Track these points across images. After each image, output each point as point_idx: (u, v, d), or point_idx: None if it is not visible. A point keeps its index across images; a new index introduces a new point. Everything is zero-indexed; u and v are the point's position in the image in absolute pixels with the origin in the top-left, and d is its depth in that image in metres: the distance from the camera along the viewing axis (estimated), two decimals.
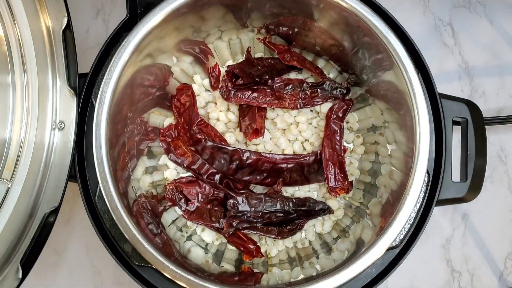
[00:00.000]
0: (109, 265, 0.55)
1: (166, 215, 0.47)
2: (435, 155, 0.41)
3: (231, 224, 0.45)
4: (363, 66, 0.45)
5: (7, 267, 0.37)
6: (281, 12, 0.45)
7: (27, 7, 0.38)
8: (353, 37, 0.43)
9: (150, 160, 0.49)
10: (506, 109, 0.58)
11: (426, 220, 0.40)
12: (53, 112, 0.40)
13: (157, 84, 0.46)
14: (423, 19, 0.59)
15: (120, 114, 0.42)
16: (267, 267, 0.47)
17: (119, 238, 0.39)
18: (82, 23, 0.58)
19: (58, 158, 0.40)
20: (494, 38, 0.59)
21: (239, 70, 0.47)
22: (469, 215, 0.56)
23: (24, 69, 0.39)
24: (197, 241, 0.48)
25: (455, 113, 0.42)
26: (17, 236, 0.37)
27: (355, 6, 0.40)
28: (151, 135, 0.48)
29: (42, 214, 0.39)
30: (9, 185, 0.37)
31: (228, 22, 0.47)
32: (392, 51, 0.39)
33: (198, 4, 0.41)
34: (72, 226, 0.55)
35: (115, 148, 0.41)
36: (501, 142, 0.57)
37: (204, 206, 0.47)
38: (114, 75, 0.39)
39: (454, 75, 0.58)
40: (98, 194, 0.39)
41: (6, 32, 0.38)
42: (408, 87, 0.39)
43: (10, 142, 0.38)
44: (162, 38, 0.43)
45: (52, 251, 0.55)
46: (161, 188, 0.48)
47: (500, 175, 0.57)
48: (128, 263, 0.39)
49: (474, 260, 0.55)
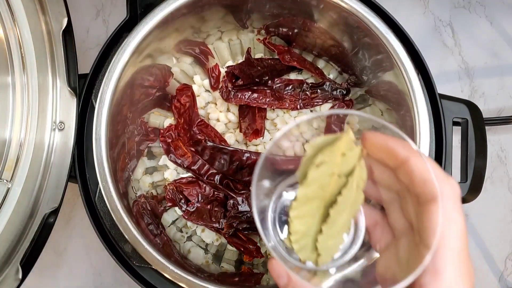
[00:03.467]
0: (109, 266, 0.55)
1: (166, 216, 0.47)
2: (435, 155, 0.41)
3: (231, 225, 0.45)
4: (363, 67, 0.45)
5: (7, 268, 0.37)
6: (281, 13, 0.45)
7: (27, 8, 0.38)
8: (353, 38, 0.43)
9: (150, 160, 0.49)
10: (506, 109, 0.58)
11: None
12: (53, 112, 0.40)
13: (157, 84, 0.46)
14: (423, 19, 0.59)
15: (120, 115, 0.42)
16: (267, 267, 0.47)
17: (119, 239, 0.39)
18: (82, 24, 0.58)
19: (58, 158, 0.40)
20: (494, 38, 0.59)
21: (239, 71, 0.47)
22: (469, 216, 0.56)
23: (24, 70, 0.39)
24: (197, 241, 0.48)
25: (455, 113, 0.42)
26: (17, 237, 0.37)
27: (355, 6, 0.40)
28: (151, 135, 0.48)
29: (42, 214, 0.39)
30: (9, 185, 0.37)
31: (228, 23, 0.47)
32: (392, 52, 0.39)
33: (198, 5, 0.41)
34: (72, 227, 0.55)
35: (115, 148, 0.41)
36: (501, 143, 0.57)
37: (204, 207, 0.47)
38: (114, 76, 0.39)
39: (454, 75, 0.58)
40: (98, 194, 0.39)
41: (6, 33, 0.38)
42: (408, 87, 0.39)
43: (10, 143, 0.38)
44: (162, 39, 0.42)
45: (52, 252, 0.55)
46: (161, 188, 0.48)
47: (500, 175, 0.57)
48: (128, 264, 0.39)
49: (474, 261, 0.55)
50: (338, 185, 0.25)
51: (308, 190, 0.25)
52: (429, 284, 0.23)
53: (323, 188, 0.25)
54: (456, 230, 0.23)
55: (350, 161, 0.25)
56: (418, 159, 0.24)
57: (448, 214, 0.23)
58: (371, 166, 0.26)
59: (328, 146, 0.24)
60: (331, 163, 0.24)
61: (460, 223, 0.24)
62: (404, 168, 0.24)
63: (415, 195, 0.24)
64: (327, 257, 0.26)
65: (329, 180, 0.25)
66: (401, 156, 0.24)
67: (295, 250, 0.26)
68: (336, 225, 0.25)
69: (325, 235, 0.25)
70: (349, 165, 0.25)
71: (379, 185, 0.27)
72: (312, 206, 0.25)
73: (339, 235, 0.26)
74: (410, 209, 0.25)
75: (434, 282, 0.23)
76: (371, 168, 0.26)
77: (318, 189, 0.25)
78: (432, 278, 0.23)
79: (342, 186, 0.25)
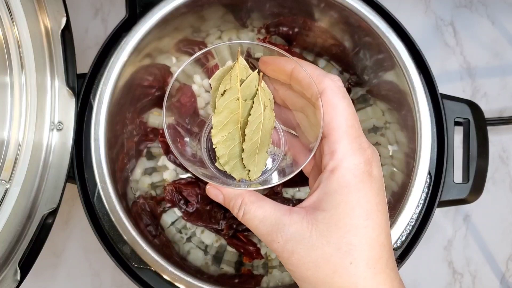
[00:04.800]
0: (107, 267, 0.54)
1: (165, 217, 0.47)
2: (436, 156, 0.40)
3: (231, 226, 0.45)
4: (364, 67, 0.45)
5: (5, 269, 0.36)
6: (282, 12, 0.44)
7: (26, 7, 0.38)
8: (354, 37, 0.43)
9: (149, 161, 0.48)
10: (508, 109, 0.57)
11: (427, 221, 0.39)
12: (51, 112, 0.40)
13: (156, 84, 0.46)
14: (424, 19, 0.59)
15: (119, 115, 0.41)
16: (267, 269, 0.46)
17: (118, 240, 0.39)
18: (80, 23, 0.58)
19: (57, 159, 0.40)
20: (495, 38, 0.58)
21: None
22: (471, 217, 0.56)
23: (23, 70, 0.38)
24: (196, 243, 0.47)
25: (456, 113, 0.41)
26: (16, 238, 0.37)
27: (356, 5, 0.39)
28: (150, 136, 0.47)
29: (40, 215, 0.38)
30: (7, 186, 0.37)
31: (228, 22, 0.46)
32: (394, 51, 0.39)
33: (198, 4, 0.41)
34: (70, 228, 0.55)
35: (114, 149, 0.41)
36: (503, 143, 0.57)
37: (203, 208, 0.47)
38: (113, 75, 0.39)
39: (455, 75, 0.58)
40: (97, 195, 0.39)
41: (4, 33, 0.38)
42: (410, 87, 0.39)
43: (9, 143, 0.38)
44: (161, 38, 0.42)
45: (51, 253, 0.55)
46: (160, 189, 0.48)
47: (502, 176, 0.56)
48: (127, 265, 0.39)
49: (476, 262, 0.55)
50: (246, 108, 0.29)
51: (220, 117, 0.29)
52: (328, 164, 0.27)
53: (233, 112, 0.29)
54: (341, 113, 0.27)
55: (251, 86, 0.29)
56: (299, 69, 0.28)
57: (330, 102, 0.27)
58: (276, 87, 0.31)
59: (227, 76, 0.29)
60: (233, 89, 0.29)
61: (343, 106, 0.27)
62: (293, 80, 0.29)
63: (310, 101, 0.29)
64: (257, 172, 0.31)
65: (236, 104, 0.29)
66: (287, 70, 0.29)
67: (228, 171, 0.30)
68: (253, 142, 0.30)
69: (247, 152, 0.30)
70: (252, 90, 0.29)
71: (292, 107, 0.32)
72: (229, 130, 0.29)
73: (261, 151, 0.30)
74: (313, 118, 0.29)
75: (331, 160, 0.27)
76: (276, 90, 0.31)
77: (229, 114, 0.29)
78: (330, 157, 0.27)
79: (250, 109, 0.29)
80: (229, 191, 0.29)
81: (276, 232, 0.27)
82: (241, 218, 0.29)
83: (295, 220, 0.27)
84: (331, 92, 0.28)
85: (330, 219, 0.26)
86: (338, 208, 0.26)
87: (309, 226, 0.26)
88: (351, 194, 0.26)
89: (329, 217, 0.26)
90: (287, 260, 0.27)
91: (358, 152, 0.27)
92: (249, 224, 0.28)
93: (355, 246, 0.25)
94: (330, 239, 0.26)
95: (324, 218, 0.26)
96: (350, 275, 0.25)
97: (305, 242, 0.26)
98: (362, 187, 0.26)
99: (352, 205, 0.26)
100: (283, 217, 0.27)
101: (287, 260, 0.27)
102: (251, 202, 0.28)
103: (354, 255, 0.25)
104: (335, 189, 0.26)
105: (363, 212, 0.26)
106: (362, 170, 0.26)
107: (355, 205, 0.26)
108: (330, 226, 0.26)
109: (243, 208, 0.28)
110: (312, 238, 0.26)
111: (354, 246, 0.25)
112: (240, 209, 0.29)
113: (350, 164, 0.26)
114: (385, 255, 0.26)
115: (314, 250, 0.26)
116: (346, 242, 0.25)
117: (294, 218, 0.27)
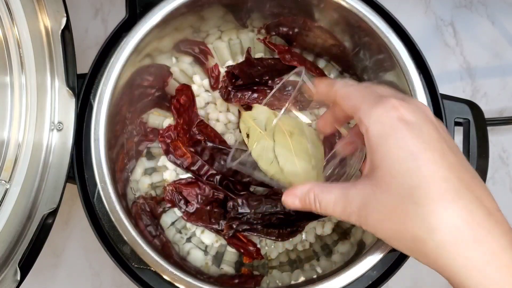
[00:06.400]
0: (107, 267, 0.54)
1: (165, 217, 0.47)
2: None
3: (231, 226, 0.45)
4: (364, 67, 0.45)
5: (5, 269, 0.36)
6: (282, 12, 0.44)
7: (26, 7, 0.38)
8: (354, 38, 0.43)
9: (149, 161, 0.48)
10: (508, 110, 0.57)
11: None
12: (51, 112, 0.40)
13: (156, 84, 0.46)
14: (424, 19, 0.59)
15: (119, 115, 0.41)
16: (267, 269, 0.46)
17: (118, 240, 0.39)
18: (80, 23, 0.58)
19: (57, 159, 0.40)
20: (495, 38, 0.58)
21: (239, 71, 0.46)
22: None
23: (23, 70, 0.38)
24: (196, 243, 0.47)
25: (456, 114, 0.41)
26: (16, 238, 0.37)
27: (356, 6, 0.39)
28: (150, 136, 0.47)
29: (40, 215, 0.38)
30: (7, 186, 0.37)
31: (228, 22, 0.46)
32: (394, 52, 0.39)
33: (198, 4, 0.41)
34: (70, 228, 0.55)
35: (114, 149, 0.41)
36: (503, 143, 0.57)
37: (203, 208, 0.46)
38: (113, 76, 0.39)
39: (455, 75, 0.58)
40: (97, 195, 0.39)
41: (4, 33, 0.38)
42: (410, 87, 0.39)
43: (9, 143, 0.38)
44: (161, 38, 0.42)
45: (51, 253, 0.55)
46: (160, 189, 0.48)
47: (502, 176, 0.56)
48: (127, 265, 0.39)
49: None
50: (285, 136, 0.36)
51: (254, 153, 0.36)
52: (362, 130, 0.29)
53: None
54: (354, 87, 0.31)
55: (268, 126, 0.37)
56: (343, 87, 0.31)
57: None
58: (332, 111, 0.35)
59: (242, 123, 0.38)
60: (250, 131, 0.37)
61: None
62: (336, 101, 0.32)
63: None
64: (319, 170, 0.36)
65: (258, 136, 0.36)
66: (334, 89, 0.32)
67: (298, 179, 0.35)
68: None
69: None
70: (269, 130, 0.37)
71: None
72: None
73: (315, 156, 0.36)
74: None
75: (361, 125, 0.29)
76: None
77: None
78: (360, 125, 0.29)
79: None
80: (301, 191, 0.32)
81: (350, 205, 0.29)
82: (319, 209, 0.31)
83: (360, 188, 0.29)
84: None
85: (384, 172, 0.27)
86: (384, 160, 0.27)
87: (372, 188, 0.28)
88: (388, 142, 0.27)
89: (382, 171, 0.27)
90: (367, 226, 0.28)
91: (378, 104, 0.28)
92: (328, 210, 0.30)
93: (413, 188, 0.26)
94: (390, 189, 0.27)
95: (379, 174, 0.27)
96: (417, 215, 0.26)
97: (373, 202, 0.28)
98: (396, 132, 0.27)
99: (395, 152, 0.27)
100: (350, 191, 0.29)
101: (367, 226, 0.28)
102: (321, 192, 0.31)
103: (414, 196, 0.26)
104: (376, 144, 0.27)
105: (408, 154, 0.26)
106: (390, 117, 0.27)
107: (397, 150, 0.26)
108: (385, 178, 0.27)
109: (317, 199, 0.31)
110: (376, 195, 0.27)
111: (412, 188, 0.26)
112: (315, 202, 0.31)
113: (375, 117, 0.28)
114: (452, 187, 0.26)
115: (383, 206, 0.27)
116: (403, 187, 0.26)
117: (359, 187, 0.29)
